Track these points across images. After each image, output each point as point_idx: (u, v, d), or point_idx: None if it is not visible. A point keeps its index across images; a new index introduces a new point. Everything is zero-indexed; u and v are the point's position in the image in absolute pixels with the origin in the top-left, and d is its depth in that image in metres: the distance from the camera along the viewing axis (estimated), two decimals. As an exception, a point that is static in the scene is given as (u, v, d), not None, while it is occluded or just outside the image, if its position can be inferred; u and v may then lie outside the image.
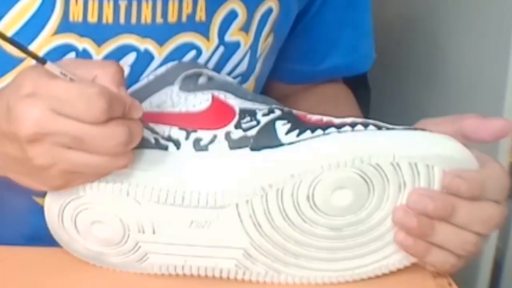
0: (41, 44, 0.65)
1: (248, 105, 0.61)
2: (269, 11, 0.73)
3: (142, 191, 0.57)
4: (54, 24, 0.65)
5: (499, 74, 0.90)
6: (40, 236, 0.62)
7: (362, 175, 0.56)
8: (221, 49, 0.71)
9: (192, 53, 0.70)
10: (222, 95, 0.62)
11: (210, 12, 0.69)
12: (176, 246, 0.59)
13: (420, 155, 0.56)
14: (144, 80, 0.65)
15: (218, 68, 0.72)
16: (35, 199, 0.69)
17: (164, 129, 0.60)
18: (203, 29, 0.69)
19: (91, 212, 0.58)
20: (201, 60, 0.70)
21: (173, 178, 0.58)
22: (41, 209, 0.60)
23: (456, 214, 0.57)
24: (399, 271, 0.60)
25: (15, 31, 0.65)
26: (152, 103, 0.62)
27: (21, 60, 0.66)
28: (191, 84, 0.63)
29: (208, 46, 0.70)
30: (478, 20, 1.01)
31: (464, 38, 1.05)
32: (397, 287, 0.60)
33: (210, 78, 0.64)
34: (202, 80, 0.64)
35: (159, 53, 0.68)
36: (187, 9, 0.68)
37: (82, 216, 0.58)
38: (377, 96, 1.21)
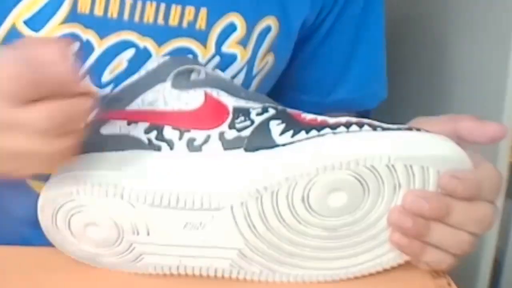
0: (49, 32, 0.68)
1: (242, 103, 0.61)
2: (268, 29, 0.75)
3: (136, 194, 0.57)
4: (63, 14, 0.68)
5: (499, 74, 0.89)
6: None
7: (357, 177, 0.56)
8: (217, 58, 0.73)
9: None
10: (215, 93, 0.61)
11: (210, 22, 0.72)
12: (170, 247, 0.59)
13: (415, 156, 0.56)
14: (135, 75, 0.64)
15: None
16: (29, 184, 0.70)
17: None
18: (202, 37, 0.72)
19: (84, 215, 0.58)
20: None
21: (167, 179, 0.57)
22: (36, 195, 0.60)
23: (451, 214, 0.57)
24: (398, 271, 0.60)
25: (28, 18, 0.68)
26: (144, 101, 0.62)
27: None
28: (183, 80, 0.62)
29: (204, 54, 0.72)
30: (479, 20, 1.00)
31: (465, 38, 1.04)
32: (396, 287, 0.60)
33: (202, 74, 0.63)
34: (194, 76, 0.63)
35: (157, 52, 0.71)
36: (188, 16, 0.71)
37: (76, 218, 0.58)
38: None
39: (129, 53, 0.70)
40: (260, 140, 0.58)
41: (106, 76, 0.71)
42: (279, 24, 0.75)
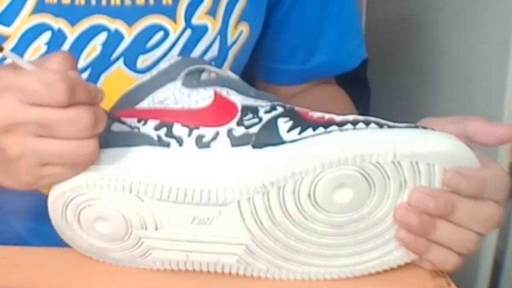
0: (20, 24, 0.70)
1: (250, 101, 0.62)
2: None
3: (144, 188, 0.57)
4: (31, 5, 0.70)
5: (499, 73, 0.90)
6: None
7: (363, 173, 0.56)
8: (189, 31, 0.75)
9: (160, 34, 0.74)
10: (224, 92, 0.62)
11: None
12: (178, 242, 0.59)
13: (421, 153, 0.56)
14: (147, 75, 0.65)
15: (187, 50, 0.76)
16: None
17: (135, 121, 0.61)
18: (170, 12, 0.74)
19: (94, 209, 0.59)
20: (169, 41, 0.75)
21: (176, 175, 0.58)
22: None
23: (456, 212, 0.57)
24: (397, 271, 0.60)
25: None
26: (154, 99, 0.63)
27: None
28: (194, 80, 0.63)
29: (175, 28, 0.74)
30: (478, 20, 1.01)
31: (464, 38, 1.05)
32: (395, 287, 0.60)
33: (212, 74, 0.64)
34: (204, 76, 0.64)
35: (128, 33, 0.73)
36: None
37: (85, 212, 0.59)
38: (377, 96, 1.21)
39: (102, 37, 0.72)
40: (267, 137, 0.58)
41: (81, 63, 0.73)
42: None
